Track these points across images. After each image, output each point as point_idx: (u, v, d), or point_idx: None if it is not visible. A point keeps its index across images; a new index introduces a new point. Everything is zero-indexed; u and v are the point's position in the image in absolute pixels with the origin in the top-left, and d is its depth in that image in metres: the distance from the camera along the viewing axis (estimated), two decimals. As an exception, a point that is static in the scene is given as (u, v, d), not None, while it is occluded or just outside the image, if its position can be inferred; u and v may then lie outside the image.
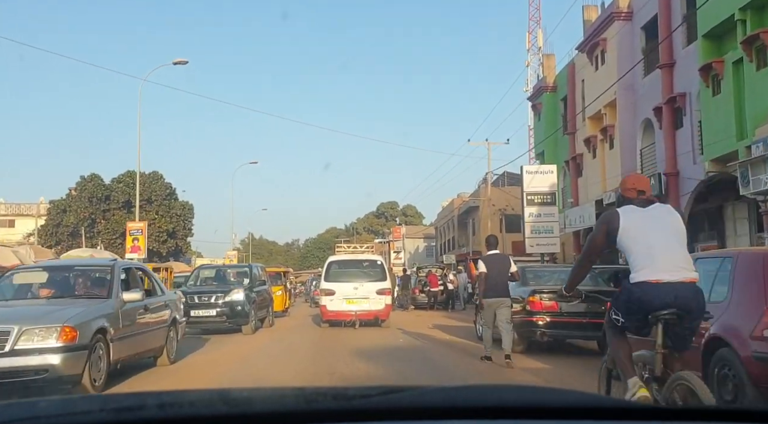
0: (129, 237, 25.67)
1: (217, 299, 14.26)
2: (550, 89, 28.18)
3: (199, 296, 14.42)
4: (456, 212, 45.29)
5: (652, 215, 3.88)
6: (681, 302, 3.62)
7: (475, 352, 10.39)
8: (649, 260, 3.71)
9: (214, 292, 14.61)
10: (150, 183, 45.74)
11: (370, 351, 10.94)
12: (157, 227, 44.29)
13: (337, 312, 15.18)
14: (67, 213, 44.59)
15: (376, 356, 10.29)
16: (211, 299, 14.31)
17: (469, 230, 44.20)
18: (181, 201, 46.73)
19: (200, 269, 18.03)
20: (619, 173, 20.71)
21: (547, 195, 19.92)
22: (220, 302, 14.22)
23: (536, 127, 30.57)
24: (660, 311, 3.61)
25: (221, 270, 17.90)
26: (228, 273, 17.27)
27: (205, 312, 14.16)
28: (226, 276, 16.92)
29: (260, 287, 16.09)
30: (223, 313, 14.16)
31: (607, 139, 21.81)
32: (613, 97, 20.85)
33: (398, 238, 66.89)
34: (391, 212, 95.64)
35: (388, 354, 10.70)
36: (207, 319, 14.17)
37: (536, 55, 43.74)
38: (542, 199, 19.83)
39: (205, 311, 14.16)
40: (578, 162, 24.27)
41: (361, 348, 11.40)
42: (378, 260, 16.77)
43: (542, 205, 19.83)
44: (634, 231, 3.82)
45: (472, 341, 12.18)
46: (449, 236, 49.50)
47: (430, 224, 63.69)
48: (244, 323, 14.37)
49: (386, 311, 15.35)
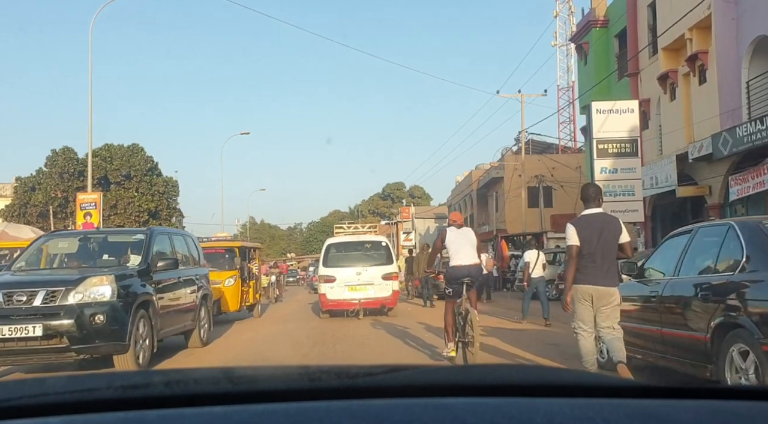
0: (80, 212, 20.73)
1: (46, 300, 6.83)
2: (600, 24, 22.80)
3: (7, 293, 6.84)
4: (475, 185, 39.91)
5: (460, 232, 7.57)
6: (470, 273, 7.30)
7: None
8: (456, 254, 7.41)
9: (41, 285, 7.03)
10: (128, 157, 40.61)
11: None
12: (137, 206, 39.22)
13: (338, 301, 13.75)
14: (35, 191, 39.52)
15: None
16: (31, 301, 6.82)
17: (491, 206, 38.92)
18: (165, 177, 41.50)
19: (50, 238, 9.30)
20: (716, 114, 15.32)
21: (625, 143, 14.43)
22: (52, 305, 6.83)
23: (581, 73, 25.14)
24: (462, 278, 7.27)
25: (91, 241, 9.17)
26: (107, 246, 9.00)
27: (14, 331, 6.64)
28: (99, 252, 8.87)
29: (180, 273, 8.99)
30: (56, 331, 6.75)
31: (695, 71, 16.39)
32: (707, 12, 15.47)
33: (407, 218, 61.95)
34: (397, 194, 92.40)
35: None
36: (16, 346, 6.67)
37: (565, 2, 38.15)
38: (619, 149, 14.42)
39: (14, 328, 6.66)
40: (644, 110, 18.89)
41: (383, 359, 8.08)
42: (382, 240, 15.07)
43: (619, 156, 14.42)
44: (451, 241, 7.50)
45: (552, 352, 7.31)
46: (466, 214, 44.11)
47: (441, 204, 58.25)
48: (112, 349, 7.08)
49: (393, 298, 14.10)
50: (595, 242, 5.66)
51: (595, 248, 5.66)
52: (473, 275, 7.21)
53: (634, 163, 14.09)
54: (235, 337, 11.36)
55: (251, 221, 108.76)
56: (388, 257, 14.30)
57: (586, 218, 5.82)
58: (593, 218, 5.78)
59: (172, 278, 8.63)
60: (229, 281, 13.55)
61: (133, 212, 39.18)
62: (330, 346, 9.42)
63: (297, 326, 12.98)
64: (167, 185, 41.02)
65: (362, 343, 9.74)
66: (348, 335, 10.72)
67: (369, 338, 10.32)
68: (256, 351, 9.39)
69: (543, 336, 9.97)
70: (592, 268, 5.68)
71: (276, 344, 10.29)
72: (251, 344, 10.26)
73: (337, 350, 9.00)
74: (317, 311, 15.13)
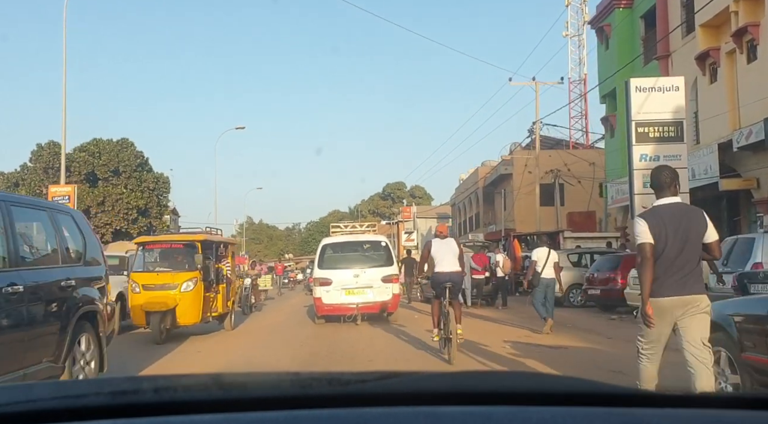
0: (52, 206, 18.70)
1: None
2: (624, 4, 20.92)
3: None
4: (481, 183, 37.95)
5: (444, 243, 8.44)
6: (452, 279, 8.23)
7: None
8: (440, 262, 8.27)
9: None
10: (117, 152, 38.71)
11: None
12: (126, 203, 37.27)
13: (334, 306, 12.81)
14: (19, 187, 37.67)
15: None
16: None
17: (498, 205, 37.00)
18: (156, 173, 39.56)
19: None
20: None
21: (669, 126, 12.37)
22: None
23: (601, 59, 23.22)
24: (445, 283, 8.18)
25: None
26: None
27: None
28: None
29: (23, 278, 5.07)
30: None
31: (743, 48, 14.46)
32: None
33: (408, 218, 60.02)
34: (398, 194, 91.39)
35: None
36: None
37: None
38: (661, 133, 12.36)
39: None
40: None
41: None
42: (382, 240, 14.16)
43: (661, 141, 12.37)
44: (436, 250, 8.37)
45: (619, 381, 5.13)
46: (471, 213, 42.24)
47: (444, 203, 56.22)
48: None
49: (394, 302, 13.17)
50: (673, 239, 4.31)
51: (672, 248, 4.30)
52: (454, 280, 8.33)
53: (680, 150, 12.13)
54: (167, 369, 7.94)
55: (249, 221, 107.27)
56: (388, 257, 13.42)
57: (661, 210, 4.43)
58: (670, 209, 4.41)
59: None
60: (187, 285, 10.42)
61: (121, 209, 37.27)
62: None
63: (280, 343, 10.41)
64: (158, 182, 39.09)
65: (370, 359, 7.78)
66: (347, 356, 8.74)
67: (375, 357, 8.40)
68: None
69: (598, 358, 7.98)
70: (670, 274, 4.31)
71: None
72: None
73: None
74: (312, 316, 13.88)
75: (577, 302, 16.03)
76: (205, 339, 11.13)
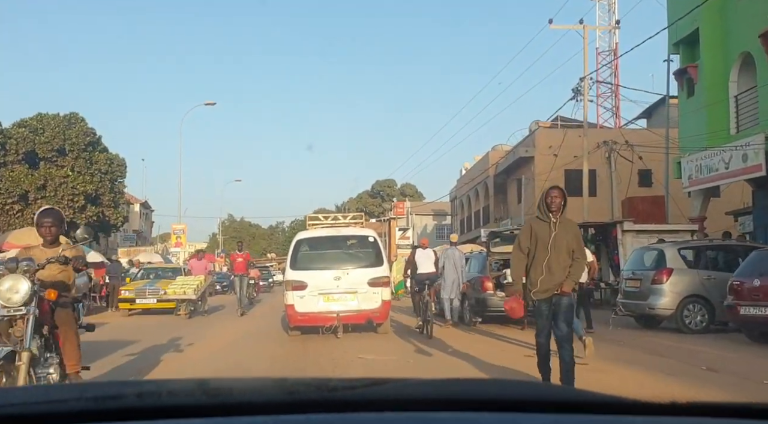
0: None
1: None
2: None
3: None
4: (492, 170, 32.34)
5: (424, 252, 12.62)
6: (429, 278, 12.03)
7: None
8: (421, 267, 12.39)
9: None
10: (64, 128, 32.68)
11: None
12: (71, 188, 31.22)
13: (310, 315, 11.02)
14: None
15: None
16: None
17: (511, 196, 31.49)
18: (110, 153, 33.59)
19: None
20: None
21: None
22: None
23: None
24: (424, 281, 11.87)
25: None
26: None
27: None
28: None
29: None
30: None
31: None
32: None
33: (402, 215, 54.60)
34: (387, 191, 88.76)
35: None
36: None
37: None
38: None
39: None
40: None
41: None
42: (369, 235, 12.14)
43: None
44: (419, 257, 12.51)
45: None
46: (478, 207, 36.64)
47: (442, 197, 50.70)
48: None
49: (383, 311, 11.32)
50: None
51: None
52: (430, 278, 11.97)
53: None
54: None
55: (230, 218, 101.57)
56: (376, 256, 11.63)
57: None
58: None
59: None
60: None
61: (66, 195, 31.09)
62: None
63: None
64: (111, 163, 33.06)
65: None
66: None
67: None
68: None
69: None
70: None
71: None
72: None
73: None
74: (286, 328, 12.17)
75: (696, 324, 10.33)
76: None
